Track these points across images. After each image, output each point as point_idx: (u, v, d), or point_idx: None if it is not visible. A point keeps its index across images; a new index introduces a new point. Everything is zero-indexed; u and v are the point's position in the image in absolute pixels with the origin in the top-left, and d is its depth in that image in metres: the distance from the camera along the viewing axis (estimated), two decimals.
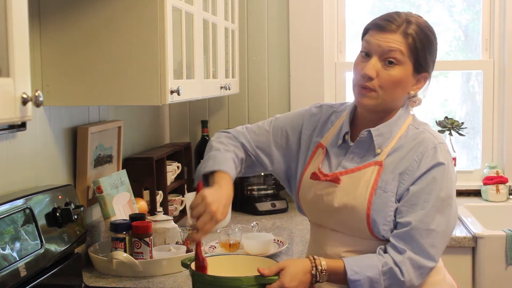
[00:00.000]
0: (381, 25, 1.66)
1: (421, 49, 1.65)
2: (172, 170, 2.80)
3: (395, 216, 1.66)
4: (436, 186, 1.64)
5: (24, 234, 1.61)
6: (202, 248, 1.64)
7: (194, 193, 3.03)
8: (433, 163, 1.65)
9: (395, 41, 1.64)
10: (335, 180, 1.70)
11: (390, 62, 1.64)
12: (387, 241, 1.67)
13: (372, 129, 1.70)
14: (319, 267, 1.63)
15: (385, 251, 1.66)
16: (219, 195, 1.63)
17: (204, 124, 3.21)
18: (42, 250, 1.68)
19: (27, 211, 1.66)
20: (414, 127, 1.73)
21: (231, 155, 1.78)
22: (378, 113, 1.72)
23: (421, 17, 1.70)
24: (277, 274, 1.61)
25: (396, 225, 1.66)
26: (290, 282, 1.59)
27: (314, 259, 1.65)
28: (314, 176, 1.74)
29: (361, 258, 1.66)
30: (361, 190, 1.67)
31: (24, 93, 0.97)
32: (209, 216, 1.57)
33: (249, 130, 1.90)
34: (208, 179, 1.71)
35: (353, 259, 1.66)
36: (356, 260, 1.65)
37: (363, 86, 1.66)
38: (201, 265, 1.63)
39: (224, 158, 1.75)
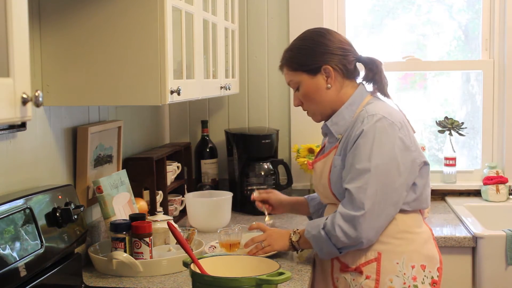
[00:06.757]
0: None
1: (297, 63, 2.06)
2: (172, 170, 2.80)
3: None
4: (359, 152, 1.92)
5: (24, 234, 1.61)
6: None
7: (194, 193, 3.03)
8: (357, 132, 1.94)
9: (285, 75, 2.11)
10: (311, 167, 2.21)
11: (296, 89, 2.10)
12: None
13: (327, 122, 2.08)
14: (296, 235, 2.11)
15: None
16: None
17: (204, 124, 3.22)
18: (42, 250, 1.68)
19: (27, 211, 1.66)
20: (365, 109, 1.99)
21: None
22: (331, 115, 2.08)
23: (301, 35, 2.14)
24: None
25: None
26: (272, 234, 2.15)
27: (295, 230, 2.14)
28: (308, 166, 2.32)
29: (317, 219, 2.05)
30: (325, 171, 2.07)
31: (24, 93, 0.97)
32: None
33: None
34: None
35: (313, 221, 2.07)
36: (312, 221, 2.05)
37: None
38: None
39: None
